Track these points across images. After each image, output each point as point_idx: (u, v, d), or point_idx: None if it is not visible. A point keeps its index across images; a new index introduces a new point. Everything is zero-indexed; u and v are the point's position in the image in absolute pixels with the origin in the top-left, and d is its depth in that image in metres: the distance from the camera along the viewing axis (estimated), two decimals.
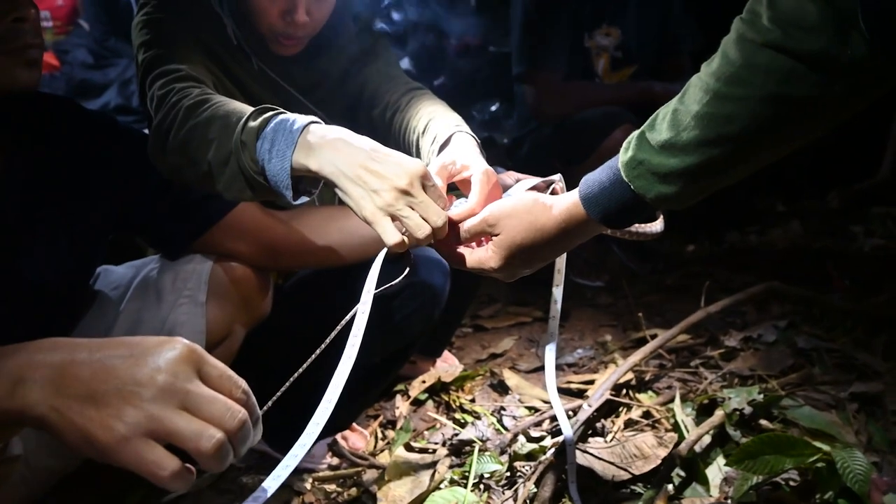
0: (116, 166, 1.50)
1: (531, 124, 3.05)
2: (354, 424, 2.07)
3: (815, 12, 0.87)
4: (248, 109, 1.29)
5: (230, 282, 1.58)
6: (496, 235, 1.18)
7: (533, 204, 1.17)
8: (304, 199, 1.27)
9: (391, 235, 1.14)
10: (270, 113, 1.26)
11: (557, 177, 1.35)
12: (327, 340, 1.13)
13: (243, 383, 0.79)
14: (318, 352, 1.12)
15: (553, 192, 1.33)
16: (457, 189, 1.35)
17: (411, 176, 1.14)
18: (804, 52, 0.89)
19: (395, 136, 1.72)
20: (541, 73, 2.88)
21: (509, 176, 1.45)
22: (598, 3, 2.94)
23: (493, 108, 3.90)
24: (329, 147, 1.18)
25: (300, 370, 1.09)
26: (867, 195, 3.49)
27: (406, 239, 1.15)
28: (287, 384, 1.08)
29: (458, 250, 1.24)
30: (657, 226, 1.28)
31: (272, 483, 0.90)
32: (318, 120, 1.24)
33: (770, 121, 0.95)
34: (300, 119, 1.22)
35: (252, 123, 1.24)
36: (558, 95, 2.87)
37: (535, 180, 1.36)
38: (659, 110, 1.05)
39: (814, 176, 3.64)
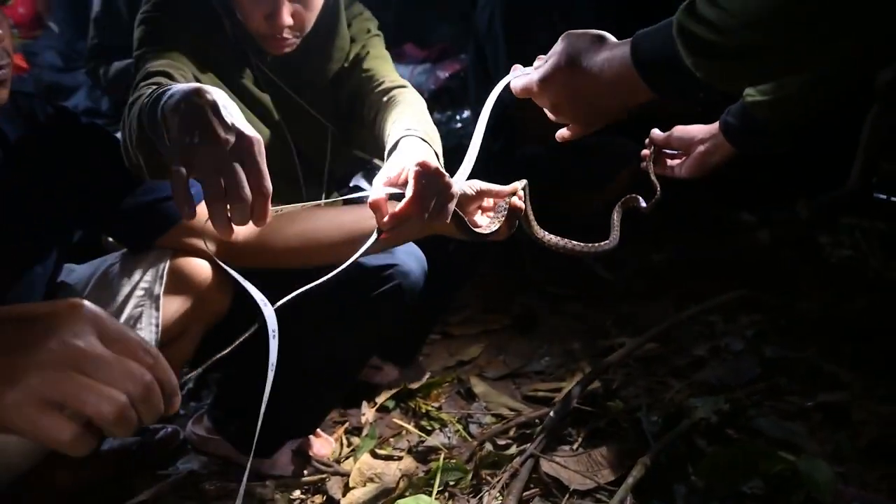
0: (81, 162, 1.49)
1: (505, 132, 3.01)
2: (319, 430, 2.04)
3: None
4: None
5: (188, 276, 1.57)
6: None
7: (597, 34, 1.16)
8: None
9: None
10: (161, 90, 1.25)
11: (522, 183, 1.40)
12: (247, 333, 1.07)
13: (151, 346, 0.72)
14: (235, 343, 1.05)
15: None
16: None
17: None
18: None
19: (377, 138, 1.72)
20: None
21: (470, 186, 1.44)
22: (573, 16, 2.91)
23: (465, 114, 3.87)
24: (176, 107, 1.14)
25: (229, 348, 1.02)
26: (835, 205, 3.51)
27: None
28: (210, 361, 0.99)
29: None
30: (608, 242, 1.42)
31: None
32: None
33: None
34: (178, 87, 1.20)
35: (146, 107, 1.24)
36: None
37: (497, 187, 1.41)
38: None
39: (782, 186, 3.66)
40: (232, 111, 1.10)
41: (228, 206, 1.04)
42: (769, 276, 2.92)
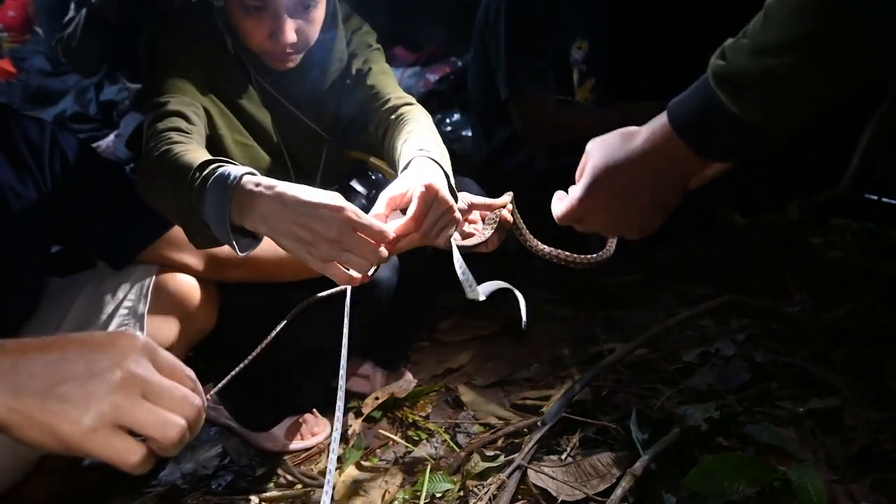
0: (55, 174, 1.46)
1: (497, 135, 2.98)
2: (315, 411, 2.12)
3: None
4: (197, 163, 1.31)
5: (173, 293, 1.55)
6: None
7: (625, 129, 1.10)
8: (251, 249, 1.32)
9: (340, 279, 1.21)
10: (209, 170, 1.28)
11: (508, 196, 1.47)
12: (278, 328, 1.24)
13: (190, 372, 0.81)
14: (268, 339, 1.22)
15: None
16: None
17: (338, 225, 1.16)
18: None
19: (386, 155, 1.76)
20: (530, 99, 2.76)
21: (462, 200, 1.47)
22: (574, 16, 2.88)
23: (454, 117, 3.85)
24: (259, 205, 1.20)
25: (244, 361, 1.19)
26: (827, 207, 3.50)
27: (355, 276, 1.21)
28: (234, 371, 1.18)
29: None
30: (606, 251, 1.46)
31: None
32: (251, 172, 1.27)
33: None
34: (233, 175, 1.24)
35: (195, 185, 1.27)
36: (548, 124, 2.77)
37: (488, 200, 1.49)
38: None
39: (774, 187, 3.65)
40: (310, 196, 1.19)
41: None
42: (760, 278, 2.90)
